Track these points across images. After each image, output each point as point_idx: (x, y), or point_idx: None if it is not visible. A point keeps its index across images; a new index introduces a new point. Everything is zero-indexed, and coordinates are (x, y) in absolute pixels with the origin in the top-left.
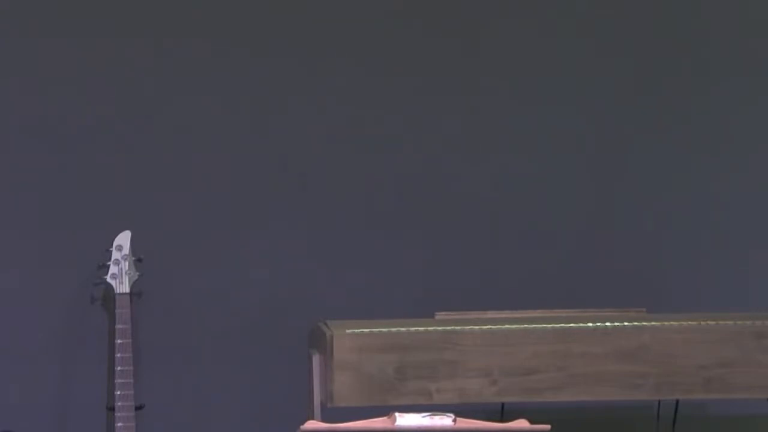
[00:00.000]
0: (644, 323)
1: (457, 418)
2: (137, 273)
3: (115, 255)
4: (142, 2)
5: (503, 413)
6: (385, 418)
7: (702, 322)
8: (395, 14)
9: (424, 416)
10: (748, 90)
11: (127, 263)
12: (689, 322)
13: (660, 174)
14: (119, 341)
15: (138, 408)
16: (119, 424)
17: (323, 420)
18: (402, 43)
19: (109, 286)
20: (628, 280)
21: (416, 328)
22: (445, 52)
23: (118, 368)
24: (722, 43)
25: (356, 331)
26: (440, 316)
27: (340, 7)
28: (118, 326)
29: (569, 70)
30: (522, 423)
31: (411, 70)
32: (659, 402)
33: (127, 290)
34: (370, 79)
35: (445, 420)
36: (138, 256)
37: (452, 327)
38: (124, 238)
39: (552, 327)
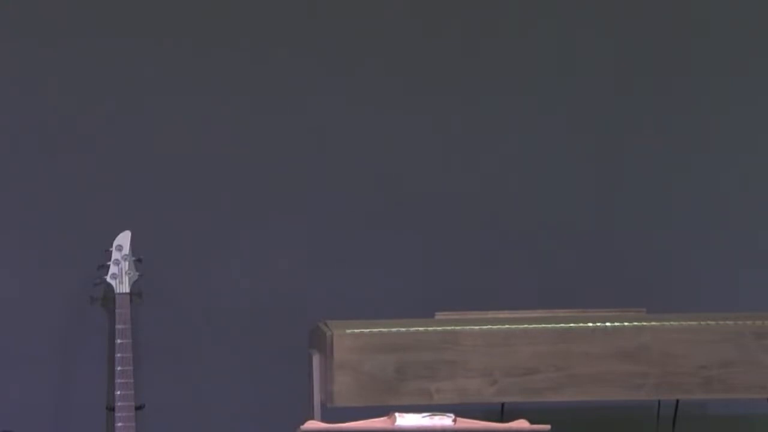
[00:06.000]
0: (644, 323)
1: (457, 418)
2: (137, 273)
3: (115, 255)
4: (142, 2)
5: (503, 413)
6: (385, 418)
7: (702, 322)
8: (393, 14)
9: (424, 416)
10: (748, 90)
11: (127, 263)
12: (689, 322)
13: (660, 174)
14: (119, 341)
15: (138, 408)
16: (119, 424)
17: (323, 420)
18: (402, 43)
19: (109, 286)
20: (628, 280)
21: (416, 328)
22: (445, 52)
23: (118, 368)
24: (722, 43)
25: (356, 331)
26: (440, 316)
27: (339, 6)
28: (118, 326)
29: (568, 70)
30: (522, 423)
31: (411, 70)
32: (659, 402)
33: (127, 290)
34: (370, 79)
35: (445, 420)
36: (138, 256)
37: (452, 327)
38: (124, 238)
39: (552, 327)
